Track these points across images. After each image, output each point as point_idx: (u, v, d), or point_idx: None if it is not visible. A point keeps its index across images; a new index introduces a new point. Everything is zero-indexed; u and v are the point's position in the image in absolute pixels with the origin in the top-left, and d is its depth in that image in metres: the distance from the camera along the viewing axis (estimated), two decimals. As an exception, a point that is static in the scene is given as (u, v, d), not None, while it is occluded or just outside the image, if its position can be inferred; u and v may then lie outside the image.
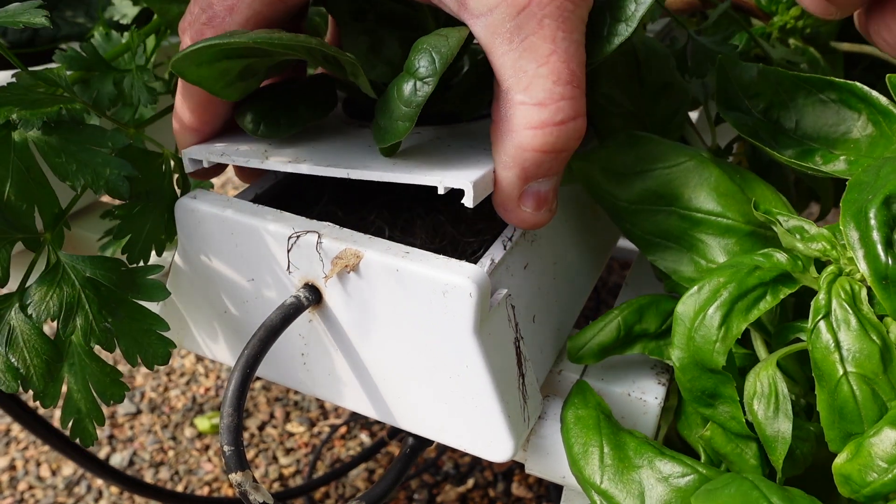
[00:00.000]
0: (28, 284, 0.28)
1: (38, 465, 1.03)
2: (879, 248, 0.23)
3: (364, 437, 1.08)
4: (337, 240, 0.28)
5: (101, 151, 0.29)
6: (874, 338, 0.23)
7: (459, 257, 0.27)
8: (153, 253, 0.33)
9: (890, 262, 0.23)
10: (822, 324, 0.24)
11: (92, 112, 0.32)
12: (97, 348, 0.29)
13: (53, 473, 1.02)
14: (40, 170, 0.28)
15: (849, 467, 0.23)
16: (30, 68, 0.30)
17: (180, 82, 0.31)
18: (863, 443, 0.22)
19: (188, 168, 0.32)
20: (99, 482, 1.00)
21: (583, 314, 0.39)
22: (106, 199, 0.49)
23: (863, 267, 0.23)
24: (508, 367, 0.28)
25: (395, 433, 0.95)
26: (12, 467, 1.03)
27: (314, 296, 0.29)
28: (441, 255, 0.27)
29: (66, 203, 0.30)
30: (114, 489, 0.99)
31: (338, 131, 0.34)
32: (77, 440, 0.29)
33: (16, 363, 0.27)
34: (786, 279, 0.27)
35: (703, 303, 0.26)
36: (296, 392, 1.16)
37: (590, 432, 0.27)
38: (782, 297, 0.26)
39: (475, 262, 0.27)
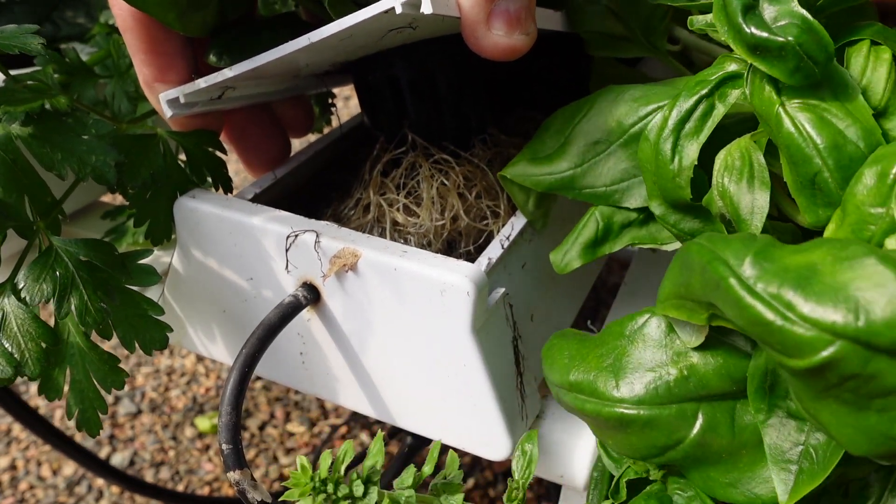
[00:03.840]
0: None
1: (39, 464, 1.04)
2: (740, 19, 0.20)
3: (364, 437, 1.08)
4: (335, 239, 0.28)
5: (85, 139, 0.29)
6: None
7: (466, 237, 0.26)
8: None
9: (752, 30, 0.20)
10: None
11: (78, 107, 0.31)
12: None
13: (54, 473, 1.02)
14: (27, 162, 0.28)
15: (842, 232, 0.19)
16: (23, 70, 0.31)
17: (125, 35, 0.30)
18: (848, 199, 0.19)
19: (167, 112, 0.31)
20: (100, 482, 1.01)
21: (581, 314, 0.39)
22: (107, 198, 0.49)
23: (735, 48, 0.21)
24: (506, 366, 0.28)
25: (395, 433, 0.95)
26: (13, 467, 1.03)
27: (312, 295, 0.29)
28: (439, 255, 0.27)
29: (63, 196, 0.30)
30: (115, 489, 0.99)
31: None
32: (83, 430, 0.29)
33: (10, 348, 0.27)
34: (731, 79, 0.23)
35: (654, 140, 0.23)
36: (296, 392, 1.16)
37: (557, 345, 0.25)
38: (732, 101, 0.23)
39: (473, 260, 0.28)
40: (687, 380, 0.21)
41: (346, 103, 1.92)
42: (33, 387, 1.15)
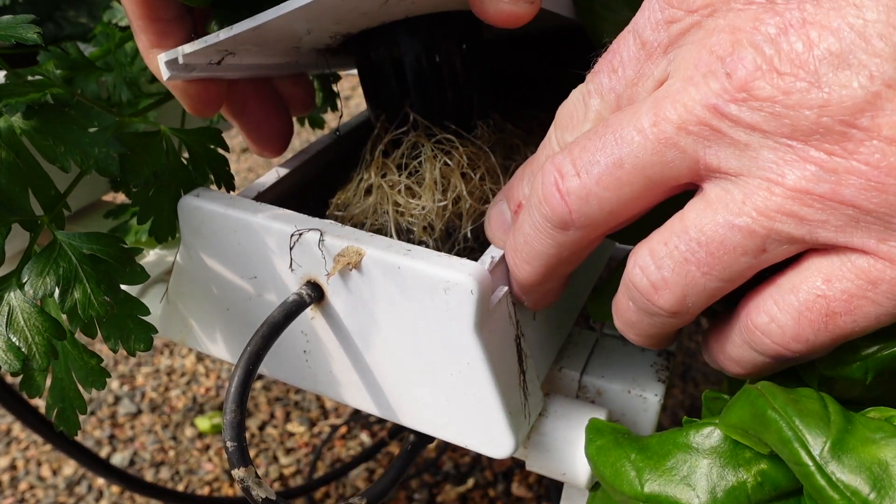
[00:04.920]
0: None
1: (39, 464, 1.04)
2: None
3: (364, 437, 1.08)
4: (339, 237, 0.28)
5: (88, 131, 0.29)
6: None
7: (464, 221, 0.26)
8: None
9: None
10: None
11: (80, 100, 0.31)
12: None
13: (54, 473, 1.02)
14: (31, 155, 0.28)
15: None
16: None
17: (123, 1, 0.30)
18: None
19: (165, 73, 0.30)
20: (100, 482, 1.01)
21: (582, 313, 0.39)
22: (108, 197, 0.49)
23: None
24: (509, 365, 0.28)
25: (396, 433, 0.95)
26: (13, 467, 1.03)
27: (316, 293, 0.29)
28: (443, 253, 0.27)
29: (67, 190, 0.30)
30: (115, 489, 0.99)
31: None
32: (62, 429, 0.29)
33: (17, 343, 0.27)
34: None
35: None
36: (296, 392, 1.16)
37: (613, 452, 0.26)
38: None
39: (476, 259, 0.28)
40: (762, 486, 0.23)
41: (347, 103, 1.93)
42: (33, 387, 1.15)
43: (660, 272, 0.22)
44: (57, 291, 0.27)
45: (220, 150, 0.34)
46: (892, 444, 0.19)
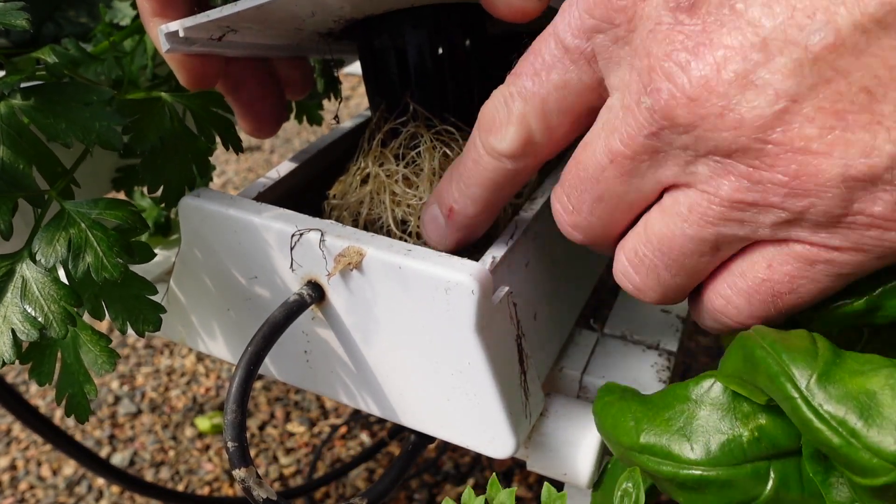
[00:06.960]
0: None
1: (39, 464, 1.03)
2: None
3: (364, 437, 1.08)
4: (340, 237, 0.28)
5: (87, 106, 0.28)
6: None
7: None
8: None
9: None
10: None
11: (75, 77, 0.31)
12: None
13: (54, 473, 1.02)
14: (33, 134, 0.28)
15: None
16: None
17: None
18: None
19: (164, 45, 0.30)
20: (100, 482, 1.01)
21: (583, 313, 0.39)
22: (111, 193, 0.49)
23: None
24: (510, 364, 0.28)
25: (396, 433, 0.95)
26: (13, 467, 1.03)
27: (317, 293, 0.29)
28: (444, 253, 0.27)
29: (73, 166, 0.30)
30: (115, 489, 0.99)
31: None
32: (72, 415, 0.29)
33: (33, 313, 0.26)
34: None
35: None
36: (296, 392, 1.16)
37: (616, 405, 0.26)
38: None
39: (477, 260, 0.28)
40: (759, 441, 0.22)
41: (347, 103, 1.93)
42: (33, 386, 1.15)
43: (637, 277, 0.25)
44: (69, 259, 0.27)
45: (223, 113, 0.34)
46: (881, 373, 0.19)
